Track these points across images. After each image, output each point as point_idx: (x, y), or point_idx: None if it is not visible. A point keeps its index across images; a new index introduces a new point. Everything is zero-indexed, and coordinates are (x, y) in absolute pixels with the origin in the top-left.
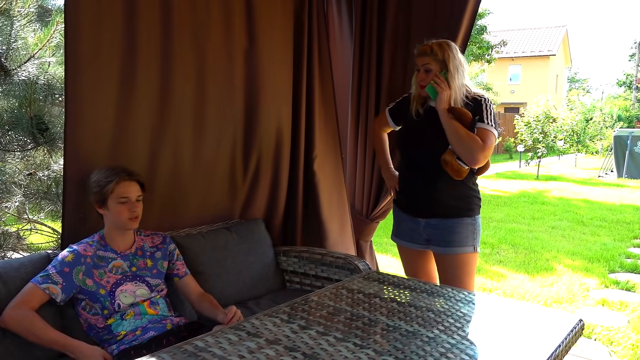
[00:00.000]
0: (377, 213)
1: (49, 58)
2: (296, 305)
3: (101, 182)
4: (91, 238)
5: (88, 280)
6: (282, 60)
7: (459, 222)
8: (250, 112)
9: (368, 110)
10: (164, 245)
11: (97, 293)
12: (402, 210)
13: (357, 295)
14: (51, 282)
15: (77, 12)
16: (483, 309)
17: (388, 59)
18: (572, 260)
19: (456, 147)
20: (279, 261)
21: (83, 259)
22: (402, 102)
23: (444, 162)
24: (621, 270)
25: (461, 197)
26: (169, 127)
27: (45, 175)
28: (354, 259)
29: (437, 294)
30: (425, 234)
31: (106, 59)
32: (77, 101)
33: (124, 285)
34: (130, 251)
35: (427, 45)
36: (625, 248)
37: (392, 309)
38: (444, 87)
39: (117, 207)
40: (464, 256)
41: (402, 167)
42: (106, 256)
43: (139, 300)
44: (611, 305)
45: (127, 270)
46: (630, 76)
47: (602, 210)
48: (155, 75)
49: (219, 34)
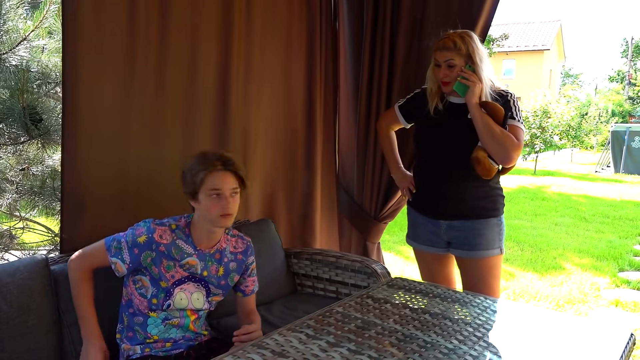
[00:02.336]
0: (386, 213)
1: (41, 41)
2: (321, 318)
3: (193, 171)
4: (175, 220)
5: (154, 268)
6: (285, 58)
7: (485, 223)
8: (249, 109)
9: (379, 107)
10: (243, 257)
11: (159, 280)
12: (421, 212)
13: (384, 305)
14: (120, 260)
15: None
16: (525, 320)
17: (402, 52)
18: (580, 258)
19: (490, 144)
20: (289, 264)
21: (155, 245)
22: (415, 99)
23: (475, 160)
24: (631, 268)
25: (487, 196)
26: (169, 122)
27: (39, 171)
28: (371, 262)
29: (470, 303)
30: (447, 237)
31: (107, 50)
32: (75, 93)
33: (186, 284)
34: (210, 251)
35: (449, 38)
36: (631, 245)
37: (426, 322)
38: (474, 80)
39: (208, 200)
40: (490, 259)
41: (420, 167)
42: (184, 249)
43: (189, 310)
44: (625, 306)
45: (198, 272)
46: (622, 72)
47: (603, 206)
48: (153, 68)
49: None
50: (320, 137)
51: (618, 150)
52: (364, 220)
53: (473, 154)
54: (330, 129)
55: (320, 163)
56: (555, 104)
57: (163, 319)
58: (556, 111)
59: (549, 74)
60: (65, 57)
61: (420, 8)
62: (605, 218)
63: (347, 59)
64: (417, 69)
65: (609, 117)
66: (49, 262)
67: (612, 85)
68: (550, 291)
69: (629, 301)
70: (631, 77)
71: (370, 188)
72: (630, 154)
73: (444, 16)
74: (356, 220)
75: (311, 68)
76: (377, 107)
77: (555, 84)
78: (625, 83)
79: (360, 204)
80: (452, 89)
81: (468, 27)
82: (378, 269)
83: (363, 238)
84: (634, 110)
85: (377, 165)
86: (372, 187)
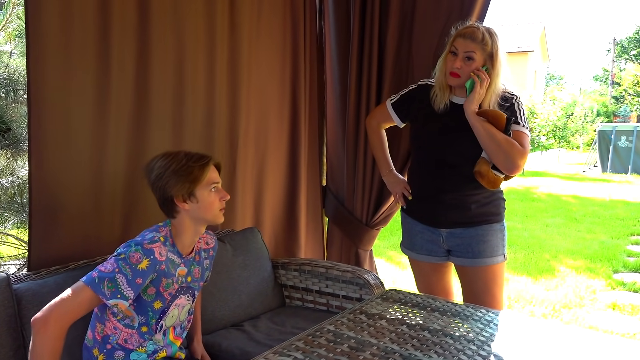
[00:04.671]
0: (378, 219)
1: (6, 46)
2: (310, 339)
3: (183, 169)
4: (158, 232)
5: (150, 289)
6: (269, 61)
7: (488, 230)
8: (233, 115)
9: (369, 108)
10: (214, 252)
11: (149, 305)
12: (418, 220)
13: (379, 322)
14: (122, 298)
15: None
16: (531, 334)
17: (391, 51)
18: (574, 260)
19: (494, 154)
20: (277, 275)
21: (158, 265)
22: (411, 95)
23: (478, 174)
24: (625, 270)
25: (490, 201)
26: (146, 127)
27: (9, 183)
28: (363, 273)
29: (471, 317)
30: (447, 245)
31: (75, 49)
32: (41, 97)
33: (179, 299)
34: (192, 255)
35: (479, 29)
36: (624, 246)
37: (426, 340)
38: (482, 87)
39: (209, 195)
40: (494, 267)
41: (417, 170)
42: (174, 261)
43: (171, 329)
44: (622, 309)
45: (184, 280)
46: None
47: (593, 206)
48: (131, 69)
49: (199, 26)
50: (304, 141)
51: (605, 150)
52: (355, 227)
53: (475, 167)
54: (315, 132)
55: (305, 168)
56: (540, 105)
57: (151, 354)
58: (542, 112)
59: (533, 75)
60: (30, 59)
61: (410, 3)
62: (596, 218)
63: (334, 59)
64: (407, 68)
65: (595, 117)
66: (11, 282)
67: (596, 87)
68: (545, 295)
69: (626, 304)
70: (614, 77)
71: (362, 193)
72: (617, 153)
73: (434, 12)
74: (347, 227)
75: (295, 70)
76: (367, 109)
77: (540, 85)
78: (609, 83)
79: (351, 210)
80: (458, 84)
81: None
82: (371, 280)
83: (355, 245)
84: (618, 110)
85: (368, 169)
86: (363, 193)
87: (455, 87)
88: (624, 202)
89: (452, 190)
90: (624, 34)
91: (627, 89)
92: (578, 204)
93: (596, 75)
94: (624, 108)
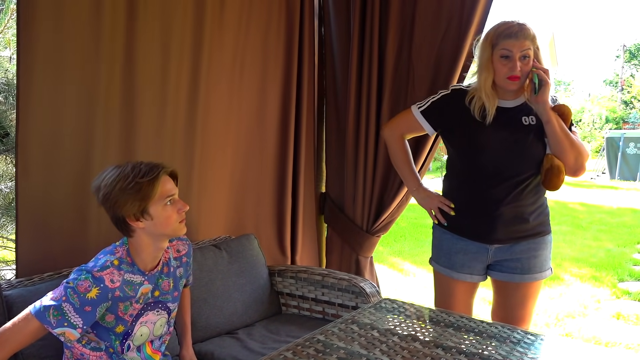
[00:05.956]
0: (379, 226)
1: (5, 52)
2: (300, 349)
3: (131, 186)
4: (113, 254)
5: (109, 316)
6: (263, 66)
7: (540, 243)
8: (230, 118)
9: (369, 113)
10: (188, 259)
11: (111, 330)
12: (465, 236)
13: (370, 332)
14: (69, 326)
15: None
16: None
17: (391, 57)
18: (579, 268)
19: (569, 152)
20: (273, 282)
21: (111, 293)
22: (445, 100)
23: (556, 170)
24: (631, 279)
25: (543, 211)
26: (134, 135)
27: (7, 187)
28: (359, 281)
29: (464, 328)
30: (492, 260)
31: (65, 54)
32: (29, 105)
33: (145, 316)
34: (157, 269)
35: (524, 25)
36: (630, 254)
37: (416, 352)
38: (548, 79)
39: (165, 210)
40: (540, 282)
41: (465, 183)
42: (134, 281)
43: (147, 343)
44: (627, 318)
45: (150, 296)
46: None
47: (600, 213)
48: (119, 75)
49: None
50: (303, 148)
51: (613, 157)
52: (355, 234)
53: (549, 163)
54: (312, 139)
55: (302, 174)
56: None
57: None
58: None
59: None
60: (20, 67)
61: (410, 11)
62: (602, 226)
63: (336, 67)
64: (407, 75)
65: (603, 124)
66: (2, 288)
67: (605, 92)
68: (549, 304)
69: (631, 313)
70: (624, 83)
71: (362, 200)
72: (625, 160)
73: (434, 20)
74: (347, 234)
75: (288, 76)
76: (367, 116)
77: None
78: (618, 89)
79: (352, 217)
80: (520, 85)
81: (461, 30)
82: (367, 288)
83: (355, 252)
84: (628, 117)
85: (369, 176)
86: (363, 200)
87: (507, 91)
88: (631, 209)
89: (510, 202)
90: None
91: (636, 95)
92: (585, 212)
93: (606, 80)
94: (634, 114)
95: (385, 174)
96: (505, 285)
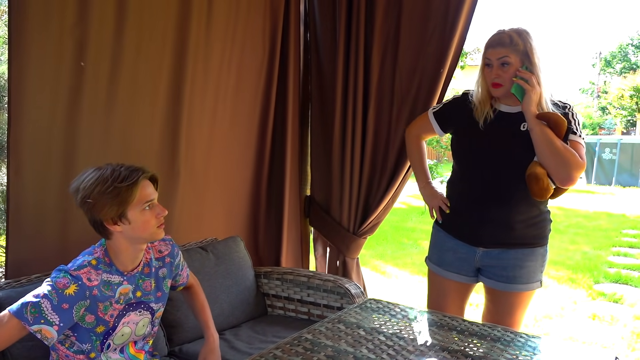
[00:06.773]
0: (365, 228)
1: None
2: (288, 348)
3: (109, 190)
4: (91, 254)
5: (89, 317)
6: (249, 66)
7: (529, 253)
8: (214, 122)
9: (355, 116)
10: (172, 259)
11: (91, 331)
12: (454, 235)
13: (357, 331)
14: (45, 324)
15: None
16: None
17: (377, 61)
18: (556, 270)
19: (550, 161)
20: (259, 284)
21: (89, 291)
22: (453, 104)
23: (533, 177)
24: (606, 280)
25: (536, 222)
26: (124, 135)
27: None
28: (344, 282)
29: (447, 327)
30: (480, 264)
31: (55, 56)
32: (21, 104)
33: (127, 317)
34: (138, 270)
35: (504, 33)
36: (605, 257)
37: (401, 350)
38: (533, 84)
39: (143, 215)
40: (527, 294)
41: (458, 184)
42: (112, 281)
43: (131, 343)
44: (602, 319)
45: (132, 296)
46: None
47: (577, 217)
48: (106, 78)
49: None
50: (285, 151)
51: (589, 162)
52: (342, 236)
53: (529, 169)
54: (296, 142)
55: (288, 177)
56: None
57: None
58: None
59: None
60: (12, 67)
61: (395, 16)
62: (579, 229)
63: (321, 71)
64: (392, 79)
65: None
66: None
67: (582, 99)
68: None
69: (606, 314)
70: (600, 90)
71: (349, 203)
72: (601, 166)
73: (420, 24)
74: (334, 236)
75: (274, 81)
76: (353, 120)
77: None
78: (595, 96)
79: (338, 219)
80: (504, 92)
81: (444, 40)
82: (352, 289)
83: (342, 254)
84: (604, 123)
85: (355, 179)
86: (350, 202)
87: (501, 97)
88: (607, 213)
89: (496, 208)
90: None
91: (612, 102)
92: (562, 215)
93: (582, 88)
94: (609, 121)
95: (371, 177)
96: (493, 292)
